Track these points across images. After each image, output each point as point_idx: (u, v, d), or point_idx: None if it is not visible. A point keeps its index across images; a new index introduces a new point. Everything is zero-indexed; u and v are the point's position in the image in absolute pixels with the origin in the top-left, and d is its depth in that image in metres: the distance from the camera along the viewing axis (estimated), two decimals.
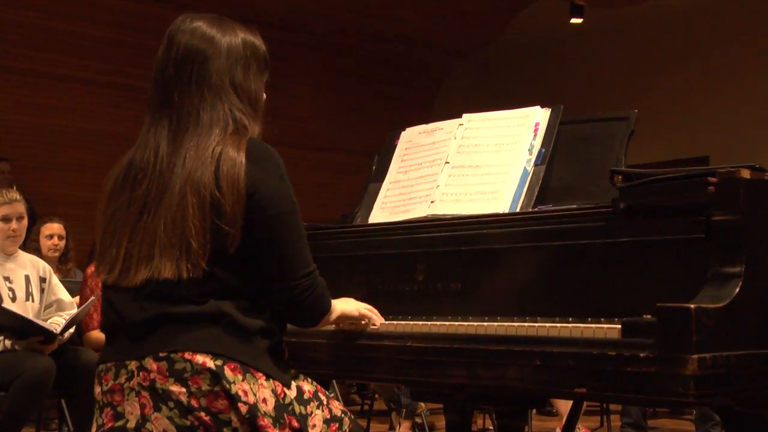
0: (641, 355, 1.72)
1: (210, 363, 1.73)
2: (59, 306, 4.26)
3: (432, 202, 2.50)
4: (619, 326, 1.81)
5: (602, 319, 1.94)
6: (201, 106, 1.84)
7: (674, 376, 1.67)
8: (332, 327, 2.21)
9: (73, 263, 6.04)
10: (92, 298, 4.27)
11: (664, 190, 1.96)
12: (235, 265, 1.79)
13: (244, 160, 1.78)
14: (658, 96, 9.35)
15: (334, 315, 2.00)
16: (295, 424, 1.80)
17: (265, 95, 2.00)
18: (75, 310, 4.20)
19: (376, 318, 2.21)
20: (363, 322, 2.20)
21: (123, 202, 1.86)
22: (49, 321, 4.10)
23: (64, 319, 4.08)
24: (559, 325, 1.94)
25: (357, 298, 2.21)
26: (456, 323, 2.12)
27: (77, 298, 4.60)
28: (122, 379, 1.79)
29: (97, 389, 1.85)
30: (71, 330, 4.12)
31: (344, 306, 2.10)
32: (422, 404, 5.56)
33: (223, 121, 1.84)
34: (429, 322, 2.18)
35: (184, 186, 1.78)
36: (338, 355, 2.29)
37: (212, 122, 1.83)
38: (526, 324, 2.00)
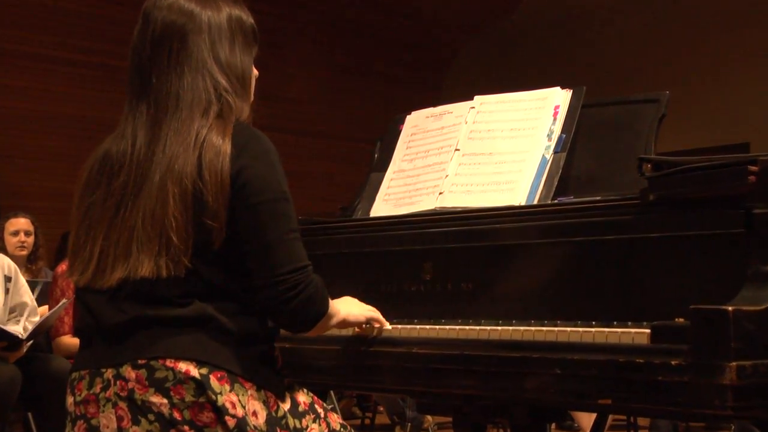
0: (673, 362, 1.72)
1: (194, 371, 1.73)
2: (21, 310, 4.26)
3: (440, 193, 2.50)
4: (648, 331, 1.82)
5: (629, 323, 1.94)
6: (181, 87, 1.84)
7: (710, 386, 1.67)
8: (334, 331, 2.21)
9: (43, 262, 6.04)
10: (64, 300, 4.28)
11: (699, 180, 1.96)
12: (221, 262, 1.79)
13: (229, 148, 1.78)
14: (692, 76, 9.34)
15: (335, 319, 1.96)
16: None
17: (256, 71, 2.00)
18: (37, 318, 4.20)
19: (385, 322, 2.21)
20: (371, 326, 2.21)
21: (99, 197, 1.87)
22: (12, 329, 4.09)
23: (29, 324, 4.08)
24: (581, 329, 1.94)
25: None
26: (467, 328, 2.12)
27: (45, 307, 4.59)
28: (97, 389, 1.79)
29: (69, 400, 1.85)
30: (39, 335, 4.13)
31: (349, 309, 2.08)
32: (429, 418, 5.58)
33: (206, 101, 1.84)
34: (437, 327, 2.18)
35: (165, 175, 1.78)
36: (337, 363, 2.29)
37: (193, 103, 1.84)
38: (544, 328, 2.00)
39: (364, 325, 2.20)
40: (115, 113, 1.95)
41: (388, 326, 2.21)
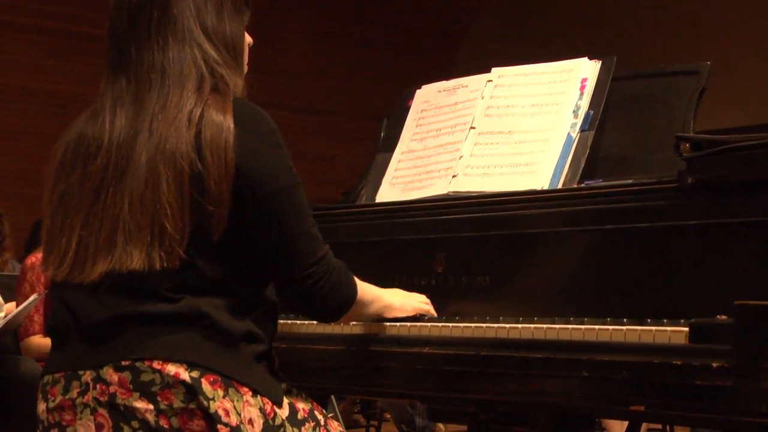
0: (714, 365, 1.71)
1: (184, 374, 1.73)
2: None
3: (454, 176, 2.51)
4: (687, 329, 1.81)
5: (665, 321, 1.94)
6: (165, 59, 1.85)
7: (755, 391, 1.66)
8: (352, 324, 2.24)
9: (9, 253, 6.04)
10: (34, 295, 4.27)
11: (744, 161, 1.95)
12: (219, 255, 1.80)
13: (232, 124, 1.79)
14: (735, 48, 9.31)
15: (376, 306, 2.09)
16: None
17: (249, 39, 2.01)
18: (2, 315, 4.20)
19: (432, 311, 2.26)
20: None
21: (74, 181, 1.86)
22: None
23: None
24: (610, 327, 1.94)
25: None
26: (483, 325, 2.12)
27: (13, 304, 4.59)
28: (74, 394, 1.79)
29: (42, 406, 1.84)
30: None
31: (393, 298, 2.15)
32: (441, 426, 5.59)
33: (197, 75, 1.84)
34: (450, 324, 2.18)
35: (154, 156, 1.78)
36: (338, 365, 2.30)
37: (182, 76, 1.84)
38: (569, 326, 2.00)
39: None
40: (91, 88, 1.96)
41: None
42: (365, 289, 2.04)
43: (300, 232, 1.86)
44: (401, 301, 2.20)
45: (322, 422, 1.92)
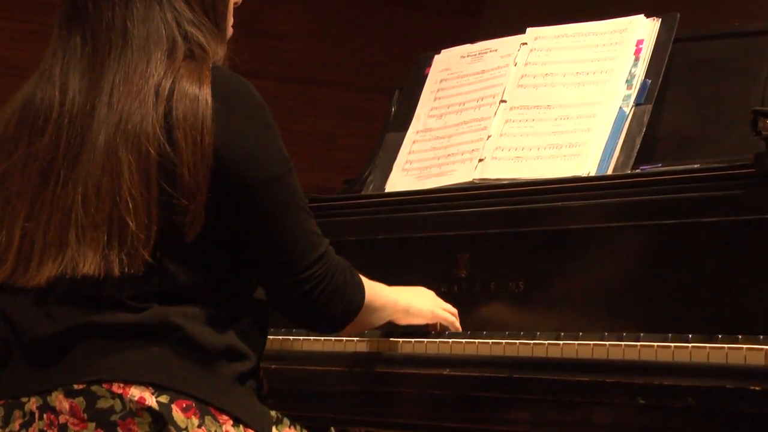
0: None
1: (150, 399, 1.73)
2: None
3: (480, 160, 2.50)
4: (767, 347, 1.82)
5: (739, 337, 1.92)
6: (128, 17, 1.85)
7: None
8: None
9: None
10: None
11: None
12: (194, 257, 1.81)
13: (210, 98, 1.79)
14: None
15: (388, 311, 2.09)
16: None
17: None
18: None
19: (456, 325, 2.26)
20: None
21: (17, 161, 1.87)
22: None
23: None
24: (672, 344, 1.94)
25: None
26: (517, 342, 2.12)
27: None
28: (16, 426, 1.78)
29: None
30: None
31: (411, 300, 2.17)
32: None
33: (167, 39, 1.85)
34: (476, 340, 2.17)
35: (114, 137, 1.78)
36: (340, 390, 2.30)
37: (149, 39, 1.84)
38: (622, 343, 1.99)
39: (429, 325, 2.24)
40: (40, 52, 1.95)
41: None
42: (376, 291, 2.04)
43: (294, 228, 1.86)
44: (420, 305, 2.21)
45: None
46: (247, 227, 1.84)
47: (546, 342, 2.08)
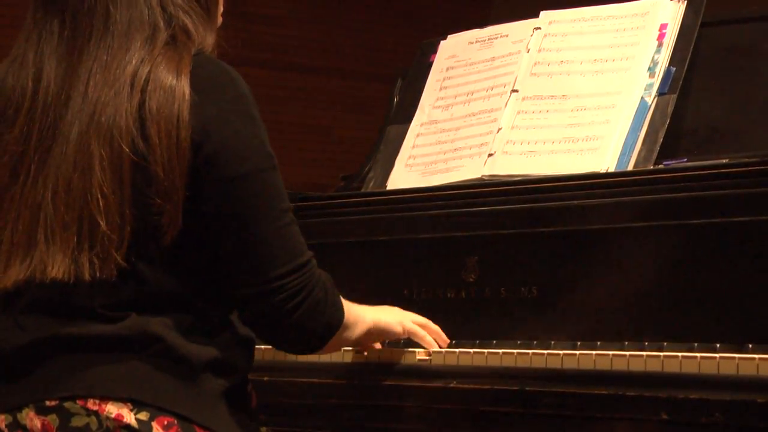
0: None
1: (129, 416, 1.74)
2: None
3: (490, 155, 2.50)
4: None
5: None
6: (112, 0, 1.84)
7: None
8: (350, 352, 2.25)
9: None
10: None
11: None
12: (172, 260, 1.81)
13: (187, 90, 1.79)
14: None
15: (358, 329, 2.04)
16: None
17: None
18: None
19: (433, 343, 2.22)
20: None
21: None
22: None
23: None
24: (698, 355, 1.93)
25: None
26: (529, 352, 2.13)
27: None
28: None
29: None
30: None
31: (379, 315, 2.12)
32: None
33: (150, 25, 1.85)
34: (486, 350, 2.18)
35: (87, 130, 1.78)
36: (337, 404, 2.30)
37: (131, 25, 1.84)
38: (644, 353, 1.99)
39: (402, 341, 2.23)
40: (13, 36, 1.94)
41: (434, 347, 2.23)
42: (348, 309, 1.99)
43: (270, 231, 1.83)
44: (388, 320, 2.16)
45: None
46: (220, 227, 1.82)
47: (561, 352, 2.09)
